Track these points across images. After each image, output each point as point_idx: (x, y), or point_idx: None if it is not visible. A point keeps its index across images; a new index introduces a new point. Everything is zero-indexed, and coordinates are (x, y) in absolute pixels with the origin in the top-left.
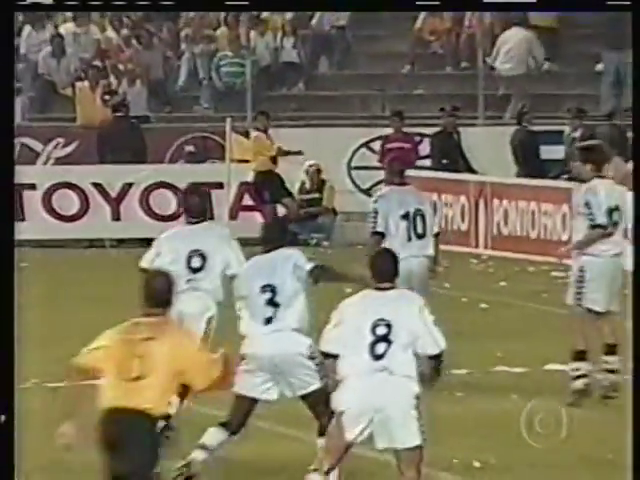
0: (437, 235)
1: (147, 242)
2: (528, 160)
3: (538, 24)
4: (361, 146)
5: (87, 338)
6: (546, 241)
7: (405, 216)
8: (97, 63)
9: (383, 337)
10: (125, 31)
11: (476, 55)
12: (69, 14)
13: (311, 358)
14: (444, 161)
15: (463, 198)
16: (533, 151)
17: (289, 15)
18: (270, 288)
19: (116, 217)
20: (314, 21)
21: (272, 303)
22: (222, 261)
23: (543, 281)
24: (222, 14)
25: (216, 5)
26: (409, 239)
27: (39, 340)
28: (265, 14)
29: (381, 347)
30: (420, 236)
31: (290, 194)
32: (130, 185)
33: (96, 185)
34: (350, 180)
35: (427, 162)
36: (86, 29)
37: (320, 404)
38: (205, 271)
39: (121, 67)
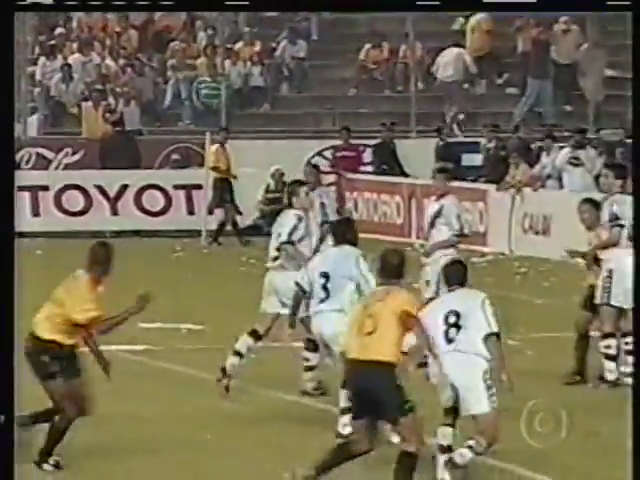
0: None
1: (139, 233)
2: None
3: (477, 54)
4: (315, 154)
5: None
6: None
7: None
8: (99, 87)
9: (454, 324)
10: (122, 61)
11: (409, 80)
12: (76, 47)
13: None
14: (383, 167)
15: (398, 197)
16: (453, 158)
17: (257, 47)
18: None
19: (114, 213)
20: (277, 52)
21: None
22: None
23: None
24: (202, 46)
25: (216, 5)
26: None
27: None
28: (237, 46)
29: (452, 332)
30: None
31: (233, 200)
32: (126, 186)
33: (98, 186)
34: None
35: (369, 168)
36: (90, 59)
37: None
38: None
39: (118, 90)
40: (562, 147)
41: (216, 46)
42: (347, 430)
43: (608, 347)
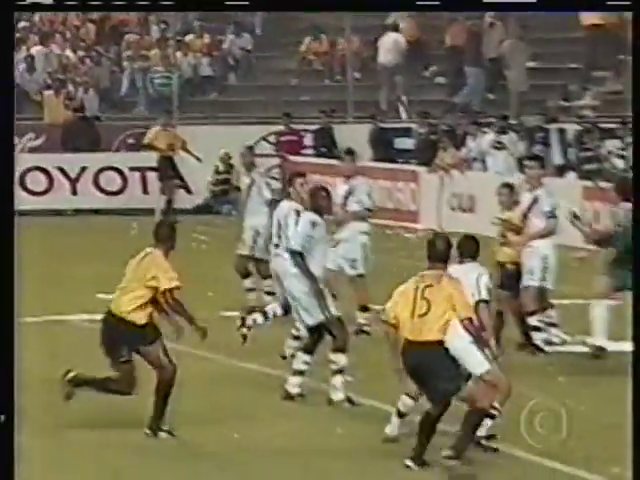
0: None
1: (98, 212)
2: (382, 149)
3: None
4: (260, 139)
5: (48, 280)
6: (399, 210)
7: None
8: (60, 76)
9: None
10: (81, 52)
11: (346, 71)
12: (38, 39)
13: None
14: (322, 150)
15: (337, 179)
16: (386, 142)
17: (206, 40)
18: None
19: (74, 192)
20: (225, 45)
21: None
22: None
23: (397, 240)
24: (155, 38)
25: (216, 5)
26: None
27: None
28: (188, 39)
29: None
30: None
31: (180, 177)
32: (85, 168)
33: (59, 168)
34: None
35: (310, 151)
36: (51, 50)
37: None
38: None
39: (78, 79)
40: (486, 132)
41: (168, 39)
42: (296, 390)
43: (537, 321)
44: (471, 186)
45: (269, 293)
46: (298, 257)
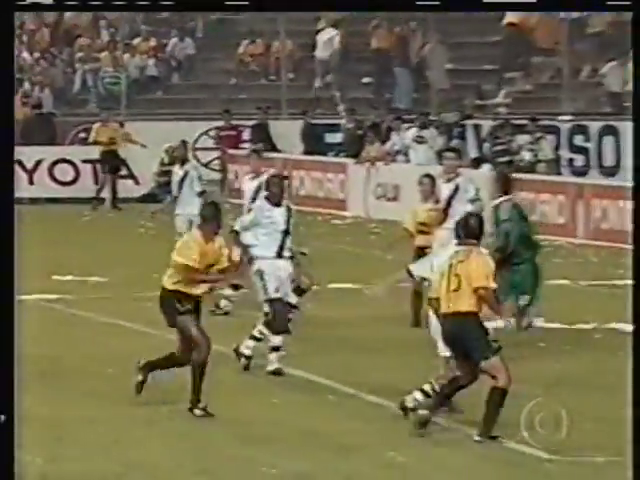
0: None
1: (53, 201)
2: (313, 143)
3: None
4: (202, 134)
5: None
6: (329, 199)
7: None
8: (17, 76)
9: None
10: (36, 54)
11: (280, 71)
12: None
13: None
14: (259, 144)
15: (272, 169)
16: (317, 137)
17: (152, 43)
18: None
19: (31, 182)
20: (169, 48)
21: None
22: None
23: (326, 226)
24: (105, 41)
25: (216, 5)
26: None
27: None
28: (135, 42)
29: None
30: None
31: (127, 168)
32: (41, 160)
33: (17, 161)
34: (194, 157)
35: (247, 145)
36: None
37: None
38: None
39: (34, 79)
40: (409, 127)
41: (117, 42)
42: (247, 352)
43: None
44: (395, 177)
45: None
46: (237, 236)
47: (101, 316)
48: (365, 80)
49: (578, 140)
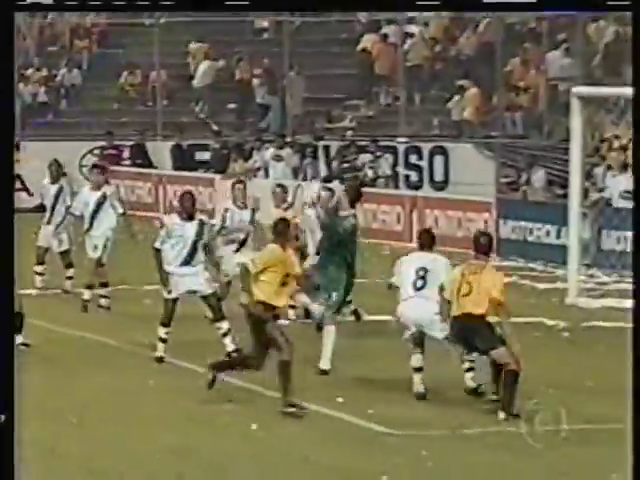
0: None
1: None
2: (184, 161)
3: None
4: (87, 152)
5: None
6: (200, 210)
7: None
8: None
9: (422, 277)
10: None
11: (156, 98)
12: None
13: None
14: (138, 162)
15: (149, 184)
16: (188, 155)
17: (43, 73)
18: None
19: None
20: (58, 77)
21: None
22: None
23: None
24: None
25: (216, 5)
26: None
27: None
28: (28, 72)
29: (420, 282)
30: None
31: (21, 181)
32: None
33: None
34: (80, 173)
35: (128, 162)
36: None
37: None
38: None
39: None
40: (268, 147)
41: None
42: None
43: None
44: (256, 190)
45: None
46: (156, 253)
47: None
48: (231, 106)
49: (413, 159)
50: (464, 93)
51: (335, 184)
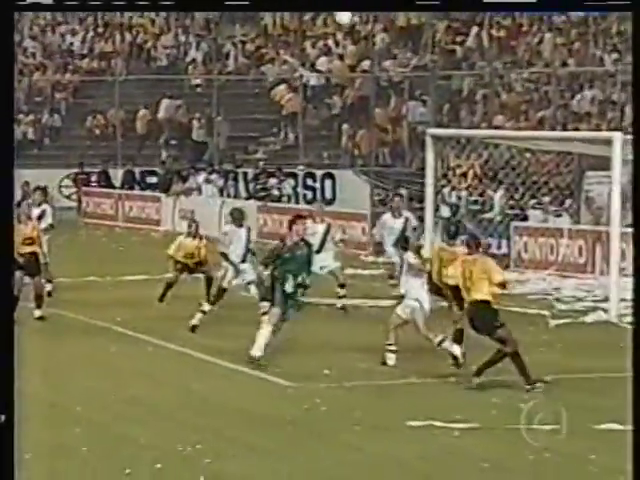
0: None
1: None
2: (135, 183)
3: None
4: (65, 177)
5: None
6: (147, 220)
7: None
8: None
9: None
10: None
11: (116, 134)
12: None
13: None
14: (102, 184)
15: (111, 200)
16: (140, 179)
17: (31, 117)
18: None
19: None
20: (43, 121)
21: None
22: None
23: (146, 237)
24: None
25: (216, 5)
26: None
27: None
28: (20, 116)
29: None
30: None
31: None
32: None
33: None
34: (59, 193)
35: (95, 185)
36: None
37: None
38: None
39: None
40: (201, 172)
41: None
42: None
43: None
44: (191, 204)
45: None
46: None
47: None
48: (172, 142)
49: (309, 182)
50: (348, 133)
51: (251, 201)
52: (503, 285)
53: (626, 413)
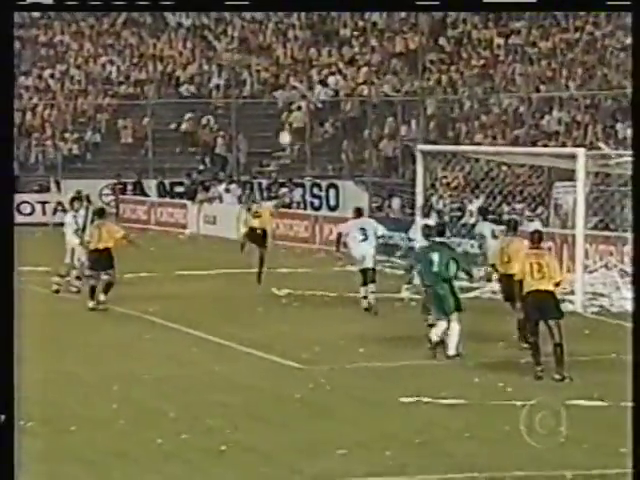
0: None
1: (17, 225)
2: (166, 193)
3: None
4: (104, 187)
5: None
6: (176, 224)
7: None
8: None
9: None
10: None
11: (148, 152)
12: None
13: None
14: (137, 193)
15: (145, 207)
16: (170, 188)
17: (75, 135)
18: None
19: None
20: (85, 138)
21: None
22: None
23: (174, 238)
24: (48, 134)
25: (216, 5)
26: None
27: None
28: (66, 135)
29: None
30: None
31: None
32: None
33: None
34: (100, 200)
35: (130, 193)
36: None
37: None
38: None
39: None
40: (222, 183)
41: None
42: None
43: None
44: (214, 211)
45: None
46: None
47: None
48: (197, 157)
49: (315, 191)
50: (348, 149)
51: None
52: (558, 284)
53: (591, 390)
